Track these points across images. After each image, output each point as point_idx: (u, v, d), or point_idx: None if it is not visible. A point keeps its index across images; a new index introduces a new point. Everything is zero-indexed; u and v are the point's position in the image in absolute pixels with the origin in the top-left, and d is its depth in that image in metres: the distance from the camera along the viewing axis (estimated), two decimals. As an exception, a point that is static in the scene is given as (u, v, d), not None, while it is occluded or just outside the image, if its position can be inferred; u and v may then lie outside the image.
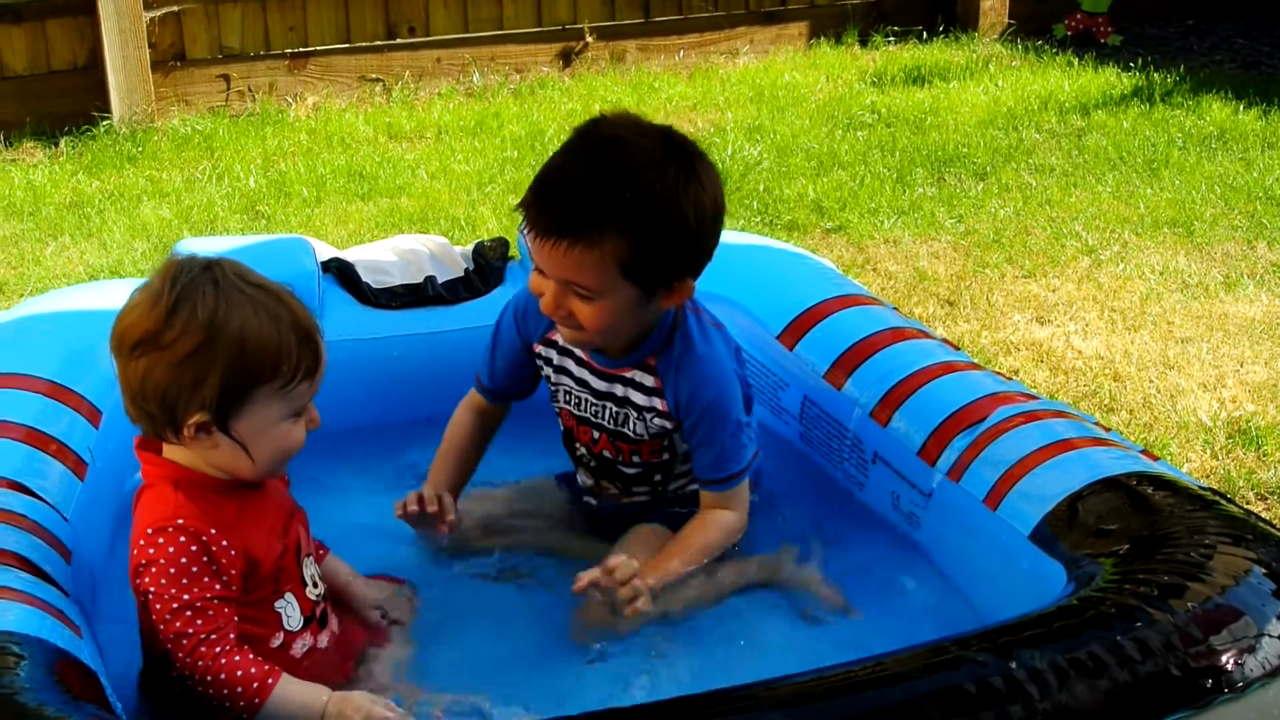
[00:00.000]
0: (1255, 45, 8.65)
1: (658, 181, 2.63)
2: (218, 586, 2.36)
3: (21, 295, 4.91)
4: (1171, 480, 2.63)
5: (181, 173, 6.32)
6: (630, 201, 2.61)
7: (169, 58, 7.07)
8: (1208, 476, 3.77)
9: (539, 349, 3.00)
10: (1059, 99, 7.33)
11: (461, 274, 3.66)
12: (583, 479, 3.10)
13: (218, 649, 2.32)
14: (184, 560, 2.34)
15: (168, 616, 2.33)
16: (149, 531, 2.37)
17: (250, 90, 7.25)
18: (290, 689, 2.34)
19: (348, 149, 6.66)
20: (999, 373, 3.28)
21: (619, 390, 2.92)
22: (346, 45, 7.43)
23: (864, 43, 8.48)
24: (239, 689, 2.31)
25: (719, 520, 2.92)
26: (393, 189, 6.09)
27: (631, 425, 2.92)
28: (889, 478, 3.06)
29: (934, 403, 3.03)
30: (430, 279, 3.61)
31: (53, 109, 6.81)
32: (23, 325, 3.34)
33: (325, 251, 3.70)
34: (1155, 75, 7.72)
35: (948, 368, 3.15)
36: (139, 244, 5.43)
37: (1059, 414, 2.94)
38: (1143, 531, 2.45)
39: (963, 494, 2.85)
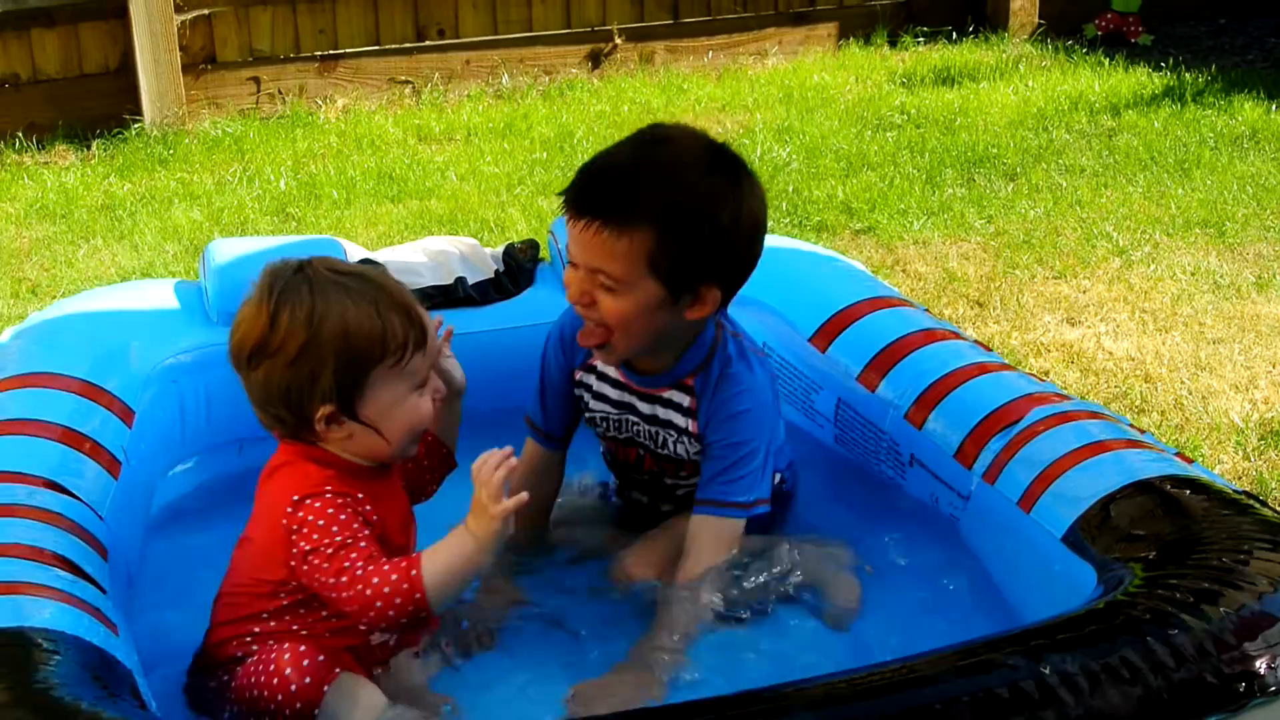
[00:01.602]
0: (1288, 44, 8.60)
1: (697, 181, 2.64)
2: (366, 531, 2.44)
3: (54, 297, 4.94)
4: (1205, 483, 2.61)
5: (212, 175, 6.35)
6: (666, 194, 2.62)
7: (200, 60, 7.10)
8: (1240, 478, 3.75)
9: (579, 375, 2.97)
10: (1089, 99, 7.30)
11: (491, 275, 3.67)
12: (637, 497, 3.08)
13: (362, 570, 2.38)
14: (331, 511, 2.43)
15: (325, 564, 2.39)
16: (295, 498, 2.44)
17: (280, 93, 7.28)
18: (436, 559, 2.41)
19: (377, 151, 6.68)
20: (1031, 374, 3.26)
21: (660, 412, 2.89)
22: (376, 48, 7.45)
23: (893, 43, 8.46)
24: (397, 584, 2.37)
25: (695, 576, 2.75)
26: (422, 191, 6.11)
27: (672, 447, 2.90)
28: (927, 480, 3.06)
29: (970, 404, 3.03)
30: (460, 280, 3.62)
31: (85, 112, 6.85)
32: (56, 324, 3.37)
33: (356, 253, 3.71)
34: (1186, 75, 7.68)
35: (982, 368, 3.15)
36: (170, 246, 5.46)
37: (1094, 415, 2.93)
38: (1176, 535, 2.44)
39: (998, 496, 2.85)
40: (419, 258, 3.71)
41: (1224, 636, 2.13)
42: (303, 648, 2.41)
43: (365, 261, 3.65)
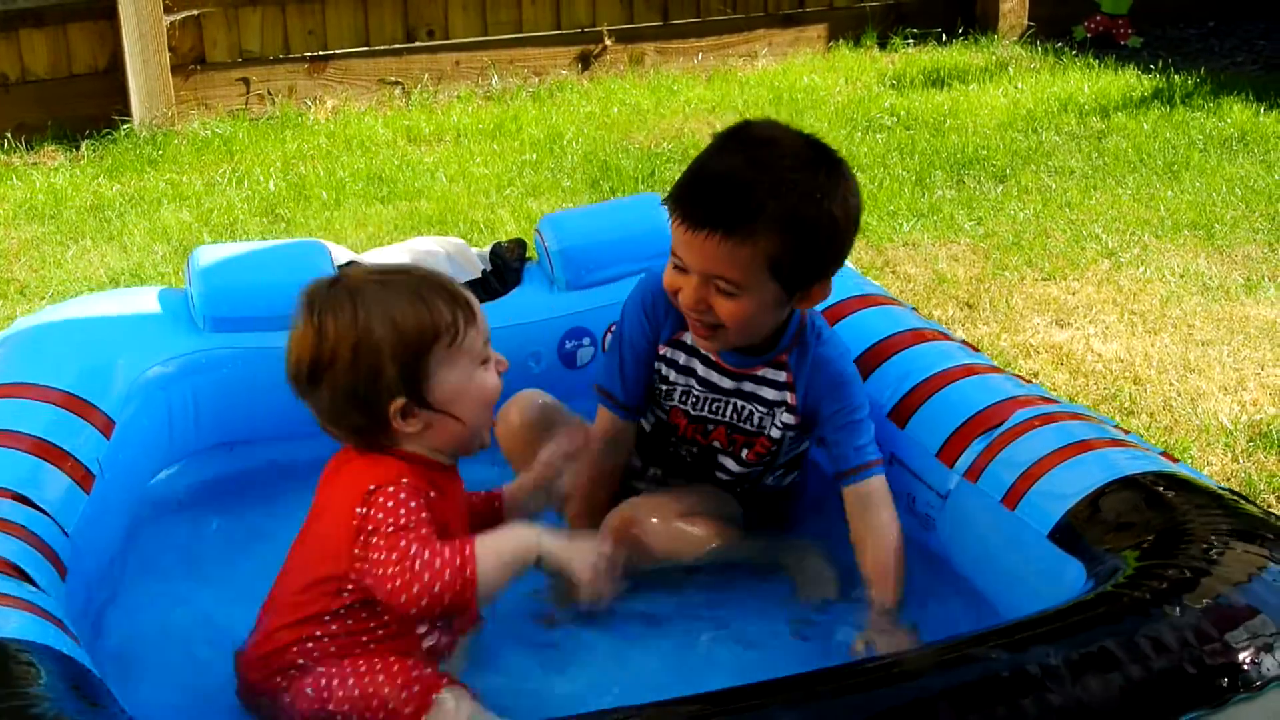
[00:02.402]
0: (1277, 46, 8.61)
1: (810, 183, 2.67)
2: (427, 518, 2.44)
3: (43, 298, 4.94)
4: (1189, 479, 2.62)
5: (201, 176, 6.34)
6: (787, 201, 2.65)
7: (189, 61, 7.10)
8: (1229, 479, 3.75)
9: (664, 350, 2.98)
10: (1079, 101, 7.31)
11: (479, 275, 3.67)
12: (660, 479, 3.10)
13: (416, 549, 2.38)
14: (403, 496, 2.43)
15: (382, 543, 2.39)
16: (371, 488, 2.44)
17: (270, 93, 7.28)
18: (489, 541, 2.44)
19: (367, 152, 6.68)
20: (1019, 375, 3.27)
21: (747, 387, 2.94)
22: (365, 48, 7.44)
23: (883, 45, 8.47)
24: (450, 559, 2.38)
25: (889, 525, 2.87)
26: (411, 192, 6.10)
27: (756, 421, 2.95)
28: (905, 479, 3.05)
29: (953, 405, 3.03)
30: (447, 280, 3.61)
31: (74, 112, 6.84)
32: (40, 333, 3.31)
33: (341, 255, 3.70)
34: (1176, 77, 7.69)
35: (968, 370, 3.14)
36: (159, 247, 5.45)
37: (1078, 416, 2.94)
38: (1161, 529, 2.44)
39: (980, 494, 2.85)
40: (405, 258, 3.70)
41: (1207, 630, 2.13)
42: (411, 663, 2.42)
43: (349, 263, 3.65)
